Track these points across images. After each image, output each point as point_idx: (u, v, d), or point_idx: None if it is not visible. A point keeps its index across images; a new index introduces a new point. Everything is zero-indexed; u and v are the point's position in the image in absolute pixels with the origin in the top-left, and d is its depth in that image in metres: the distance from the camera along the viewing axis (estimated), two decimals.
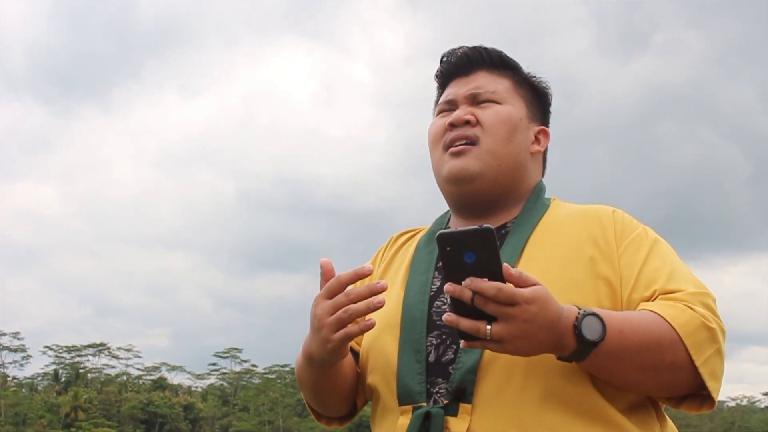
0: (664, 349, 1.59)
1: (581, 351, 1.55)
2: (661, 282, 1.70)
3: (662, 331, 1.60)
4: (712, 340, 1.63)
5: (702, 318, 1.63)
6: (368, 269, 1.66)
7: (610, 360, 1.58)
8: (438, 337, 1.77)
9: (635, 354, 1.58)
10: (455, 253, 1.48)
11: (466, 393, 1.67)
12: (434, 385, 1.72)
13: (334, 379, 1.85)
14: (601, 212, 1.85)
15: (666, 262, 1.74)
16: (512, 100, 1.95)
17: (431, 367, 1.74)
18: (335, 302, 1.65)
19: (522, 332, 1.48)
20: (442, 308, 1.79)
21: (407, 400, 1.73)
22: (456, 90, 1.98)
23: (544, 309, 1.49)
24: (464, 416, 1.66)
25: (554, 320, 1.51)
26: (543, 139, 1.99)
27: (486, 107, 1.93)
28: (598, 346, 1.54)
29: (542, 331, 1.50)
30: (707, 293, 1.69)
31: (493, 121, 1.90)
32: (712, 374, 1.62)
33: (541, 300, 1.48)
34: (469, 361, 1.69)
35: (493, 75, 1.98)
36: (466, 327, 1.49)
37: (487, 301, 1.46)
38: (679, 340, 1.60)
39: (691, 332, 1.61)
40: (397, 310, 1.85)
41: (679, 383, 1.63)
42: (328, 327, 1.66)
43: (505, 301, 1.46)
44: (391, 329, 1.83)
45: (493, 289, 1.45)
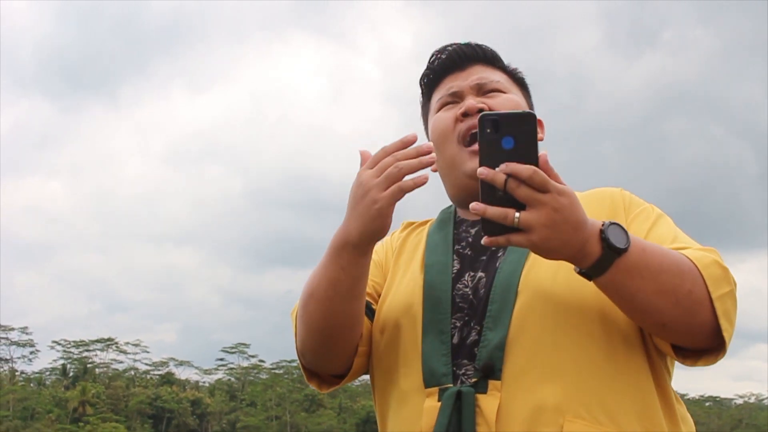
0: (683, 275, 1.58)
1: (604, 259, 1.52)
2: (668, 243, 1.70)
3: (682, 260, 1.60)
4: (727, 280, 1.62)
5: (715, 257, 1.64)
6: (412, 137, 1.61)
7: (630, 276, 1.54)
8: (461, 319, 1.75)
9: (656, 274, 1.56)
10: (495, 137, 1.47)
11: (495, 369, 1.66)
12: (460, 367, 1.71)
13: (354, 285, 1.71)
14: (609, 191, 1.88)
15: (671, 230, 1.77)
16: (513, 90, 1.96)
17: (455, 348, 1.73)
18: (382, 164, 1.60)
19: (551, 221, 1.45)
20: (464, 290, 1.78)
21: (433, 382, 1.72)
22: (458, 82, 1.95)
23: (574, 206, 1.47)
24: (494, 393, 1.65)
25: (582, 220, 1.49)
26: (540, 130, 1.99)
27: (494, 96, 1.91)
28: (621, 255, 1.52)
29: (569, 226, 1.47)
30: (714, 250, 1.69)
31: (507, 108, 1.87)
32: (725, 313, 1.60)
33: (572, 196, 1.47)
34: (495, 338, 1.68)
35: (488, 68, 1.98)
36: (494, 214, 1.45)
37: (520, 185, 1.43)
38: (697, 271, 1.59)
39: (707, 265, 1.60)
40: (416, 291, 1.83)
41: (697, 318, 1.59)
42: (377, 187, 1.59)
43: (538, 186, 1.44)
44: (412, 309, 1.81)
45: (528, 170, 1.43)
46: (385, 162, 1.59)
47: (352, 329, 1.79)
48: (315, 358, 1.85)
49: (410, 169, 1.57)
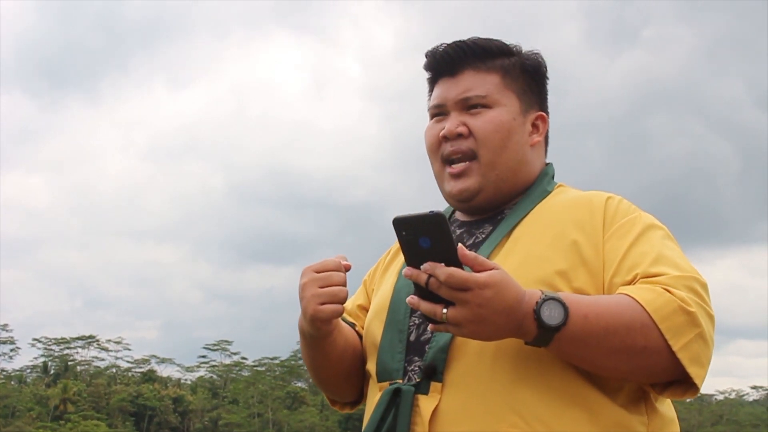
0: (634, 333, 1.56)
1: (543, 336, 1.54)
2: (644, 266, 1.67)
3: (632, 315, 1.57)
4: (692, 324, 1.59)
5: (680, 301, 1.59)
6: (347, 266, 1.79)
7: (575, 346, 1.56)
8: (421, 317, 1.78)
9: (602, 339, 1.55)
10: (411, 237, 1.48)
11: (437, 371, 1.69)
12: (411, 363, 1.75)
13: (329, 354, 1.89)
14: (594, 198, 1.84)
15: (655, 247, 1.72)
16: (504, 99, 1.90)
17: (411, 345, 1.78)
18: (326, 277, 1.77)
19: (476, 317, 1.48)
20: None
21: (385, 377, 1.78)
22: (445, 93, 1.93)
23: (500, 294, 1.48)
24: (434, 395, 1.68)
25: (512, 305, 1.50)
26: (542, 125, 1.96)
27: (477, 114, 1.88)
28: (560, 331, 1.52)
29: (499, 316, 1.49)
30: (694, 277, 1.66)
31: (486, 131, 1.86)
32: (693, 359, 1.58)
33: (496, 285, 1.48)
34: (441, 340, 1.71)
35: (480, 72, 1.91)
36: (425, 310, 1.52)
37: (440, 286, 1.47)
38: (652, 324, 1.56)
39: (666, 316, 1.57)
40: (388, 296, 1.89)
41: (657, 368, 1.60)
42: (315, 298, 1.76)
43: (457, 286, 1.46)
44: (381, 313, 1.88)
45: (444, 274, 1.46)
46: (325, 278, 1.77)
47: (347, 368, 1.95)
48: (326, 390, 2.06)
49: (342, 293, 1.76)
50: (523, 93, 1.94)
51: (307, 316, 1.78)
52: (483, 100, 1.89)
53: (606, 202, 1.82)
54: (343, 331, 1.92)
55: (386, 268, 2.07)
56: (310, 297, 1.76)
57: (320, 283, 1.76)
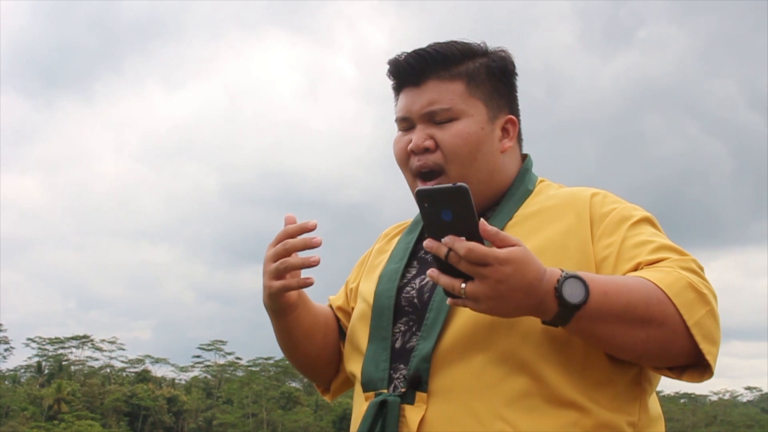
0: (653, 308, 1.55)
1: (563, 314, 1.52)
2: (644, 255, 1.67)
3: (649, 291, 1.56)
4: (703, 301, 1.59)
5: (688, 279, 1.60)
6: (312, 224, 1.78)
7: (594, 323, 1.54)
8: (406, 324, 1.78)
9: (622, 315, 1.54)
10: (433, 209, 1.48)
11: (422, 381, 1.68)
12: (396, 371, 1.74)
13: (293, 332, 1.93)
14: (578, 196, 1.82)
15: (649, 237, 1.71)
16: (470, 108, 1.83)
17: (396, 353, 1.76)
18: (276, 251, 1.79)
19: (495, 293, 1.46)
20: (411, 294, 1.81)
21: (370, 387, 1.77)
22: (409, 105, 1.87)
23: (521, 271, 1.46)
24: (420, 405, 1.67)
25: (532, 283, 1.48)
26: (512, 128, 1.89)
27: (444, 127, 1.82)
28: (580, 309, 1.51)
29: (518, 293, 1.47)
30: (693, 259, 1.67)
31: (453, 145, 1.81)
32: (706, 336, 1.58)
33: (517, 261, 1.46)
34: (424, 349, 1.70)
35: (444, 82, 1.84)
36: (444, 283, 1.49)
37: (460, 260, 1.45)
38: (668, 300, 1.56)
39: (678, 292, 1.57)
40: (369, 300, 1.88)
41: (673, 347, 1.58)
42: (268, 274, 1.81)
43: (477, 261, 1.44)
44: (364, 318, 1.87)
45: (464, 248, 1.44)
46: (278, 250, 1.79)
47: (318, 358, 2.01)
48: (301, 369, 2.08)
49: (293, 267, 1.78)
50: (489, 99, 1.87)
51: (264, 290, 1.84)
52: (448, 113, 1.83)
53: (591, 200, 1.80)
54: (311, 309, 1.94)
55: (369, 267, 2.04)
56: (265, 272, 1.81)
57: (273, 258, 1.79)
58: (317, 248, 1.78)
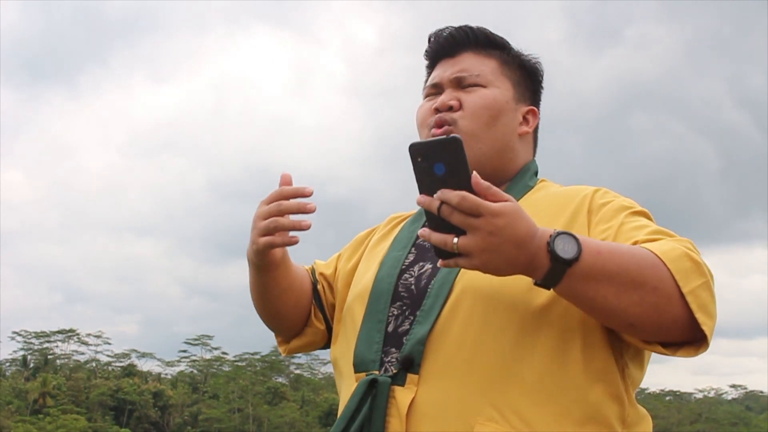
0: (646, 271, 1.53)
1: (555, 271, 1.50)
2: (641, 236, 1.67)
3: (643, 255, 1.55)
4: (699, 272, 1.57)
5: (684, 249, 1.58)
6: (309, 191, 1.78)
7: (587, 283, 1.51)
8: (399, 308, 1.79)
9: (614, 275, 1.51)
10: (426, 164, 1.47)
11: (414, 363, 1.69)
12: (388, 355, 1.75)
13: (271, 288, 1.94)
14: (579, 192, 1.84)
15: (645, 224, 1.72)
16: (498, 82, 1.93)
17: (389, 336, 1.77)
18: (269, 209, 1.78)
19: (488, 245, 1.45)
20: (409, 280, 1.83)
21: (361, 368, 1.77)
22: (441, 73, 1.97)
23: (513, 224, 1.45)
24: (411, 387, 1.67)
25: (524, 237, 1.47)
26: (532, 119, 1.98)
27: (471, 91, 1.91)
28: (572, 266, 1.49)
29: (510, 246, 1.46)
30: (689, 240, 1.66)
31: (476, 106, 1.89)
32: (701, 306, 1.55)
33: (509, 214, 1.45)
34: (420, 332, 1.71)
35: (479, 56, 1.96)
36: (436, 240, 1.48)
37: (452, 211, 1.44)
38: (663, 265, 1.54)
39: (674, 258, 1.55)
40: (369, 283, 1.89)
41: (667, 315, 1.55)
42: (257, 230, 1.80)
43: (469, 211, 1.43)
44: (361, 300, 1.88)
45: (457, 197, 1.43)
46: (270, 209, 1.78)
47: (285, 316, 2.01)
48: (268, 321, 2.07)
49: (283, 228, 1.77)
50: (518, 84, 1.97)
51: (250, 244, 1.84)
52: (477, 80, 1.92)
53: (592, 195, 1.82)
54: (290, 270, 1.96)
55: (369, 253, 2.06)
56: (254, 227, 1.81)
57: (264, 215, 1.79)
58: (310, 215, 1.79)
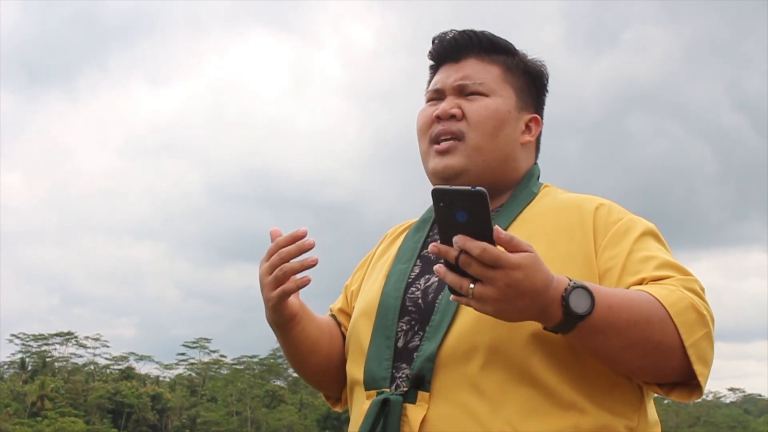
0: (653, 327, 1.57)
1: (567, 323, 1.53)
2: (649, 270, 1.68)
3: (651, 309, 1.58)
4: (702, 323, 1.61)
5: (691, 300, 1.61)
6: (302, 232, 1.76)
7: (596, 335, 1.56)
8: (408, 323, 1.79)
9: (623, 330, 1.55)
10: (448, 210, 1.47)
11: (425, 381, 1.69)
12: (399, 371, 1.74)
13: (300, 344, 1.91)
14: (583, 205, 1.84)
15: (654, 252, 1.73)
16: (501, 91, 1.92)
17: (398, 352, 1.77)
18: (271, 262, 1.76)
19: (504, 296, 1.46)
20: (416, 294, 1.82)
21: (372, 386, 1.77)
22: (444, 78, 1.95)
23: (530, 277, 1.47)
24: (422, 404, 1.68)
25: (540, 289, 1.49)
26: (534, 127, 1.97)
27: (473, 100, 1.90)
28: (584, 319, 1.52)
29: (525, 298, 1.48)
30: (695, 280, 1.68)
31: (480, 116, 1.88)
32: (700, 358, 1.60)
33: (527, 267, 1.46)
34: (429, 349, 1.71)
35: (483, 62, 1.93)
36: (451, 281, 1.49)
37: (471, 261, 1.45)
38: (669, 319, 1.58)
39: (680, 311, 1.59)
40: (375, 298, 1.87)
41: (667, 365, 1.61)
42: (267, 287, 1.78)
43: (489, 263, 1.44)
44: (368, 316, 1.86)
45: (478, 248, 1.43)
46: (273, 261, 1.76)
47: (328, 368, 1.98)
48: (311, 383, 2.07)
49: (292, 272, 1.75)
50: (521, 91, 1.95)
51: (266, 305, 1.82)
52: (480, 88, 1.91)
53: (596, 212, 1.81)
54: (314, 320, 1.94)
55: (372, 268, 2.05)
56: (263, 286, 1.79)
57: (269, 270, 1.77)
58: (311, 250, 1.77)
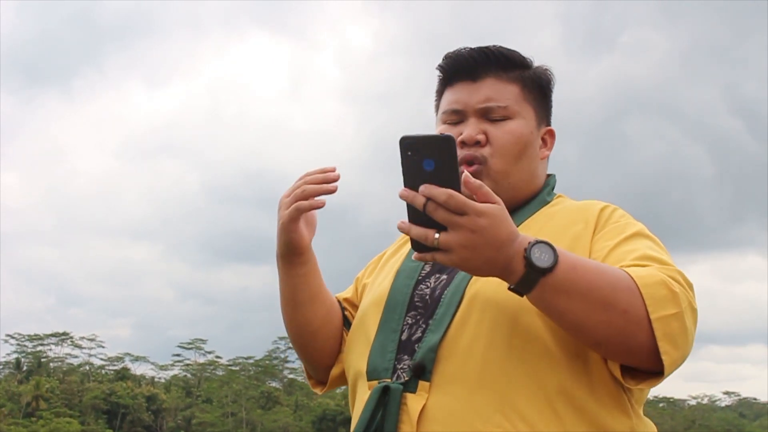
0: (619, 292, 1.53)
1: (529, 278, 1.50)
2: (629, 261, 1.66)
3: (619, 277, 1.55)
4: (674, 302, 1.55)
5: (664, 278, 1.57)
6: (331, 168, 1.82)
7: (558, 295, 1.52)
8: (413, 317, 1.80)
9: (586, 293, 1.52)
10: (415, 158, 1.46)
11: (426, 371, 1.69)
12: (401, 362, 1.75)
13: (299, 289, 1.94)
14: (590, 207, 1.86)
15: (640, 248, 1.71)
16: (523, 111, 1.90)
17: (402, 344, 1.77)
18: (293, 186, 1.83)
19: (469, 243, 1.46)
20: (425, 291, 1.83)
21: (374, 376, 1.78)
22: (464, 99, 1.91)
23: (496, 226, 1.46)
24: (422, 393, 1.68)
25: (505, 240, 1.48)
26: (550, 140, 1.98)
27: (498, 126, 1.88)
28: (546, 275, 1.50)
29: (490, 247, 1.47)
30: (678, 270, 1.64)
31: (505, 142, 1.87)
32: (667, 335, 1.54)
33: (493, 216, 1.46)
34: (432, 340, 1.72)
35: (501, 81, 1.91)
36: (416, 234, 1.48)
37: (437, 207, 1.44)
38: (637, 290, 1.53)
39: (649, 284, 1.55)
40: (384, 293, 1.89)
41: (634, 341, 1.54)
42: (285, 205, 1.83)
43: (455, 209, 1.44)
44: (376, 309, 1.88)
45: (444, 194, 1.43)
46: (295, 184, 1.83)
47: (315, 335, 1.99)
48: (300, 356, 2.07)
49: (312, 191, 1.80)
50: (537, 107, 1.95)
51: (278, 232, 1.86)
52: (504, 111, 1.88)
53: (600, 212, 1.83)
54: (319, 276, 1.97)
55: (383, 265, 2.07)
56: (280, 207, 1.85)
57: (290, 192, 1.83)
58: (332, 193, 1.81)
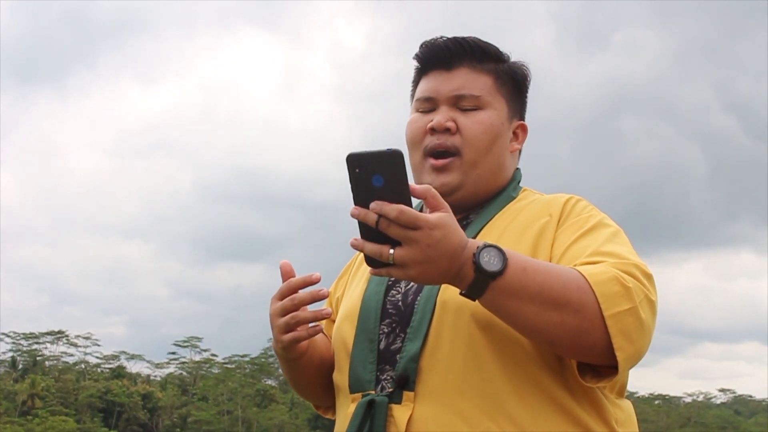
0: (570, 293, 1.53)
1: (478, 283, 1.50)
2: (584, 257, 1.67)
3: (570, 277, 1.55)
4: (627, 298, 1.55)
5: (617, 274, 1.57)
6: (316, 277, 1.77)
7: (509, 298, 1.52)
8: (389, 326, 1.79)
9: (536, 295, 1.52)
10: (364, 175, 1.45)
11: (409, 381, 1.69)
12: (383, 372, 1.75)
13: (305, 371, 1.93)
14: (555, 200, 1.86)
15: (598, 241, 1.71)
16: (494, 102, 1.91)
17: (381, 354, 1.77)
18: (283, 305, 1.77)
19: (425, 257, 1.46)
20: (396, 297, 1.82)
21: (357, 388, 1.77)
22: (437, 87, 1.92)
23: (448, 236, 1.47)
24: (408, 404, 1.68)
25: (457, 249, 1.48)
26: (521, 134, 1.99)
27: (469, 115, 1.88)
28: (495, 279, 1.50)
29: (444, 258, 1.47)
30: (635, 263, 1.63)
31: (475, 131, 1.87)
32: (622, 331, 1.54)
33: (445, 226, 1.46)
34: (412, 350, 1.71)
35: (475, 71, 1.92)
36: (370, 251, 1.48)
37: (390, 224, 1.44)
38: (589, 288, 1.54)
39: (601, 282, 1.55)
40: (357, 303, 1.88)
41: (588, 339, 1.55)
42: (278, 328, 1.79)
43: (407, 224, 1.44)
44: (350, 320, 1.87)
45: (395, 211, 1.43)
46: (285, 305, 1.77)
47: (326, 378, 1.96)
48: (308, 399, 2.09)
49: (305, 321, 1.76)
50: (510, 100, 1.95)
51: (275, 340, 1.83)
52: (476, 101, 1.90)
53: (564, 203, 1.84)
54: (318, 348, 1.93)
55: (355, 273, 2.06)
56: (274, 326, 1.80)
57: (281, 312, 1.78)
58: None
